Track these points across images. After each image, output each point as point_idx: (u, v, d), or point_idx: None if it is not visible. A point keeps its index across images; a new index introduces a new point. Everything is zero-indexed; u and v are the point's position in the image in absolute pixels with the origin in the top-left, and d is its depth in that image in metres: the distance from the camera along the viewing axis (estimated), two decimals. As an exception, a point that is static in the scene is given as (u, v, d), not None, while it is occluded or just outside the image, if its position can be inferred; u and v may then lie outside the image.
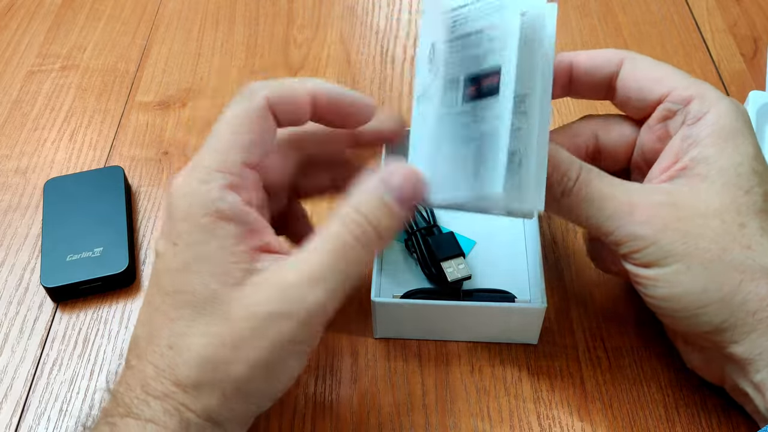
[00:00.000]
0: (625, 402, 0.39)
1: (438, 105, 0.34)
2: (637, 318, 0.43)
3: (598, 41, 0.62)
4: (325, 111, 0.35)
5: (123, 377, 0.32)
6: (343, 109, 0.35)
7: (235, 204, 0.31)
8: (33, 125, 0.57)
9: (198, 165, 0.32)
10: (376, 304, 0.40)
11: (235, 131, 0.32)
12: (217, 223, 0.31)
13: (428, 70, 0.34)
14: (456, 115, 0.33)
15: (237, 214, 0.31)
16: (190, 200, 0.31)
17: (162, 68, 0.61)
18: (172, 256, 0.32)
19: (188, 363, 0.31)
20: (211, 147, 0.32)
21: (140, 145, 0.55)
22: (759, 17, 0.64)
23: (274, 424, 0.39)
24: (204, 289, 0.31)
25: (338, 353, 0.42)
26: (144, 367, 0.31)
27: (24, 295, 0.45)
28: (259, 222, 0.32)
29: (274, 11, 0.67)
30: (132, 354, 0.32)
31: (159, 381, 0.31)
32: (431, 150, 0.34)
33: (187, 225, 0.31)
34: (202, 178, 0.32)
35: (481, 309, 0.40)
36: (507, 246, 0.46)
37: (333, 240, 0.31)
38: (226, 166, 0.32)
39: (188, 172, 0.32)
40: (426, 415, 0.39)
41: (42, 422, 0.40)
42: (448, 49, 0.33)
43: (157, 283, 0.32)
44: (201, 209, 0.31)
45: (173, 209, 0.32)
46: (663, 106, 0.36)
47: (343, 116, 0.35)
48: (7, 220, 0.50)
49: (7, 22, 0.66)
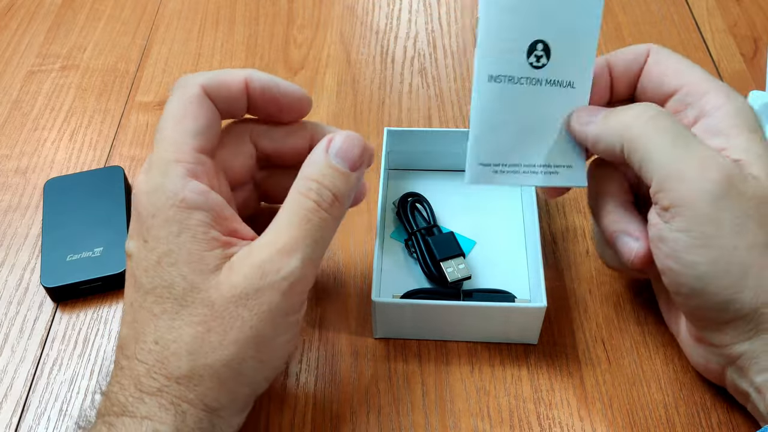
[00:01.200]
0: (625, 402, 0.39)
1: (522, 86, 0.37)
2: (637, 318, 0.43)
3: (598, 41, 0.62)
4: (260, 99, 0.36)
5: (115, 378, 0.32)
6: (276, 98, 0.36)
7: (199, 190, 0.32)
8: (33, 125, 0.57)
9: (155, 160, 0.33)
10: (376, 304, 0.40)
11: (179, 120, 0.33)
12: (184, 212, 0.31)
13: (526, 62, 0.37)
14: (536, 96, 0.37)
15: (203, 201, 0.32)
16: (154, 195, 0.32)
17: (162, 68, 0.61)
18: (144, 254, 0.32)
19: (177, 354, 0.31)
20: (163, 140, 0.33)
21: (140, 145, 0.55)
22: (759, 17, 0.64)
23: (274, 424, 0.39)
24: (182, 280, 0.31)
25: (338, 353, 0.42)
26: (135, 366, 0.31)
27: (24, 295, 0.45)
28: (225, 208, 0.33)
29: (274, 11, 0.67)
30: (121, 355, 0.32)
31: (151, 377, 0.31)
32: (505, 123, 0.37)
33: (156, 220, 0.32)
34: (161, 171, 0.32)
35: (481, 309, 0.40)
36: (507, 246, 0.46)
37: (296, 210, 0.32)
38: (182, 155, 0.32)
39: (146, 169, 0.33)
40: (426, 415, 0.39)
41: (42, 422, 0.40)
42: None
43: (134, 284, 0.32)
44: (166, 202, 0.31)
45: (140, 208, 0.32)
46: (676, 98, 0.37)
47: (277, 106, 0.36)
48: (7, 220, 0.50)
49: (7, 22, 0.66)
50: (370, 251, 0.47)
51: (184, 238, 0.31)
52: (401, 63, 0.61)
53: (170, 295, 0.31)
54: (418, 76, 0.59)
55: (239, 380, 0.32)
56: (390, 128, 0.48)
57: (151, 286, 0.32)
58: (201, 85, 0.34)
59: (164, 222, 0.31)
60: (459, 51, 0.62)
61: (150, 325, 0.31)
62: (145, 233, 0.32)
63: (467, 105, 0.57)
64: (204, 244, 0.31)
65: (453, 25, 0.64)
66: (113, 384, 0.32)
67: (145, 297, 0.32)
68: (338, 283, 0.45)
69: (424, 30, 0.64)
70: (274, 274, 0.31)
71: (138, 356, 0.31)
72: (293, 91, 0.36)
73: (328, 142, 0.33)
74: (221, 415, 0.32)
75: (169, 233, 0.31)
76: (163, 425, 0.30)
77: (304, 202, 0.32)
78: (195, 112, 0.33)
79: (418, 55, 0.61)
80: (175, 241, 0.31)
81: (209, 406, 0.31)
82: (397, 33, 0.64)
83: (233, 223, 0.33)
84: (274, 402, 0.40)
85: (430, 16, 0.65)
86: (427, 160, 0.50)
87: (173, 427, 0.30)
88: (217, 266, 0.31)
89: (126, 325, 0.33)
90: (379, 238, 0.43)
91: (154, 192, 0.32)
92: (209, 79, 0.34)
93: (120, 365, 0.32)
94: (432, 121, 0.56)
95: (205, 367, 0.31)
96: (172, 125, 0.33)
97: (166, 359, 0.31)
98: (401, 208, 0.47)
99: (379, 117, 0.56)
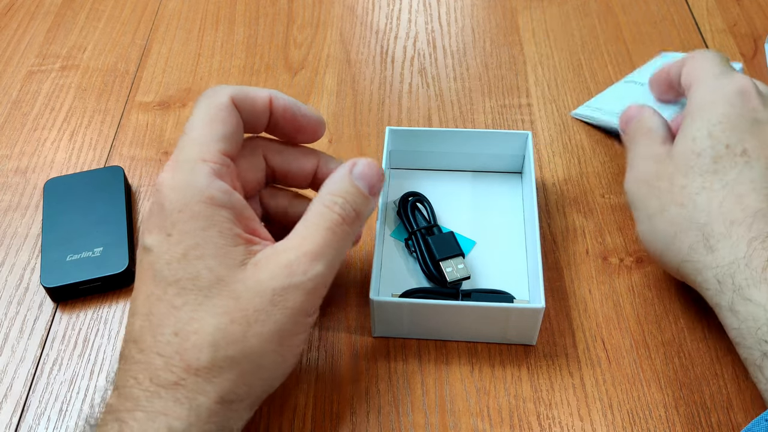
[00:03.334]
0: (625, 402, 0.39)
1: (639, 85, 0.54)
2: (637, 318, 0.43)
3: (598, 41, 0.62)
4: (281, 117, 0.38)
5: (127, 372, 0.32)
6: (296, 118, 0.38)
7: (224, 189, 0.33)
8: (33, 125, 0.57)
9: (182, 158, 0.34)
10: (374, 302, 0.40)
11: (208, 124, 0.35)
12: (211, 208, 0.33)
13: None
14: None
15: (228, 200, 0.33)
16: (183, 191, 0.33)
17: (162, 68, 0.61)
18: (167, 247, 0.33)
19: (198, 346, 0.31)
20: (190, 140, 0.34)
21: (140, 145, 0.55)
22: (759, 17, 0.64)
23: (274, 424, 0.39)
24: (208, 272, 0.32)
25: (338, 353, 0.42)
26: (151, 359, 0.31)
27: (24, 295, 0.46)
28: (246, 209, 0.34)
29: (274, 11, 0.67)
30: (134, 348, 0.32)
31: (168, 370, 0.31)
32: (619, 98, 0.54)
33: (182, 215, 0.32)
34: (189, 168, 0.33)
35: (479, 309, 0.40)
36: (507, 246, 0.46)
37: (322, 221, 0.34)
38: (209, 155, 0.34)
39: (173, 165, 0.34)
40: (426, 415, 0.39)
41: (42, 422, 0.40)
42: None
43: (153, 277, 0.33)
44: (194, 197, 0.33)
45: (165, 202, 0.33)
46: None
47: (296, 126, 0.38)
48: (7, 220, 0.50)
49: (7, 22, 0.66)
50: (370, 250, 0.47)
51: (211, 233, 0.32)
52: (401, 63, 0.61)
53: (194, 287, 0.32)
54: (418, 76, 0.59)
55: (258, 374, 0.33)
56: (392, 127, 0.48)
57: (174, 278, 0.32)
58: (230, 95, 0.35)
59: (191, 217, 0.32)
60: (459, 51, 0.62)
61: (170, 317, 0.32)
62: (169, 227, 0.33)
63: (467, 105, 0.57)
64: (230, 239, 0.33)
65: (453, 25, 0.64)
66: (126, 378, 0.32)
67: (166, 289, 0.32)
68: (338, 282, 0.45)
69: (424, 30, 0.64)
70: (301, 275, 0.32)
71: (155, 349, 0.32)
72: (312, 114, 0.38)
73: (352, 165, 0.36)
74: (235, 408, 0.32)
75: (196, 227, 0.32)
76: (177, 420, 0.30)
77: (330, 214, 0.34)
78: (224, 118, 0.35)
79: (418, 55, 0.61)
80: (202, 235, 0.32)
81: (225, 399, 0.32)
82: (397, 33, 0.64)
83: (253, 224, 0.35)
84: (274, 402, 0.40)
85: (430, 16, 0.65)
86: (428, 160, 0.50)
87: (187, 422, 0.31)
88: (242, 261, 0.33)
89: (140, 318, 0.33)
90: (380, 237, 0.43)
91: (181, 188, 0.33)
92: (238, 92, 0.36)
93: (133, 359, 0.32)
94: (432, 121, 0.56)
95: (225, 359, 0.31)
96: (200, 127, 0.35)
97: (186, 351, 0.31)
98: (402, 207, 0.47)
99: (379, 117, 0.56)
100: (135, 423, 0.30)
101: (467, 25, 0.64)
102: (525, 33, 0.63)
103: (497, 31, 0.63)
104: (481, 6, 0.66)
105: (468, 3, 0.67)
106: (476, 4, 0.66)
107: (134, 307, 0.33)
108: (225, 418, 0.32)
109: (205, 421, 0.31)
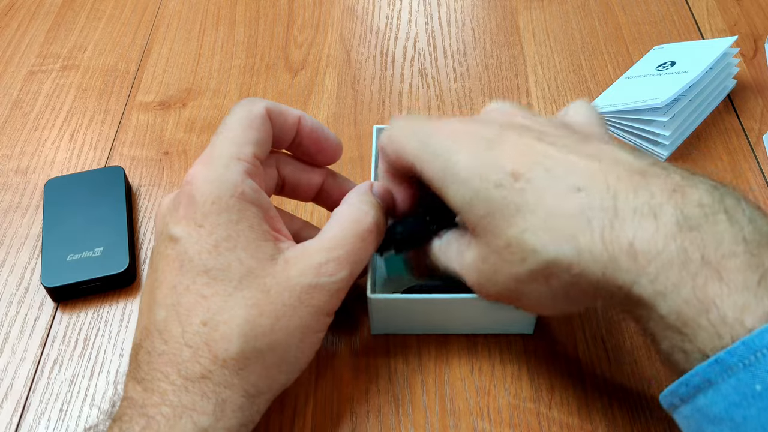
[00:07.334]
0: (625, 402, 0.39)
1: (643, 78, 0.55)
2: (637, 318, 0.43)
3: (598, 41, 0.62)
4: (306, 137, 0.39)
5: (150, 365, 0.32)
6: (320, 139, 0.40)
7: (254, 188, 0.35)
8: (33, 125, 0.57)
9: (217, 154, 0.35)
10: (372, 300, 0.40)
11: (245, 127, 0.36)
12: (242, 203, 0.34)
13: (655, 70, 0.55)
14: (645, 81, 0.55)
15: (257, 198, 0.35)
16: (216, 184, 0.34)
17: (162, 68, 0.61)
18: (197, 238, 0.33)
19: (227, 337, 0.32)
20: (226, 139, 0.36)
21: (141, 145, 0.55)
22: (759, 17, 0.64)
23: (274, 424, 0.39)
24: (239, 264, 0.33)
25: (338, 352, 0.42)
26: (178, 351, 0.32)
27: (24, 294, 0.46)
28: (271, 208, 0.36)
29: (274, 11, 0.67)
30: (158, 339, 0.32)
31: (196, 362, 0.31)
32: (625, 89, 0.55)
33: (215, 207, 0.33)
34: (224, 164, 0.34)
35: (475, 300, 0.40)
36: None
37: (359, 228, 0.36)
38: (244, 155, 0.35)
39: (207, 160, 0.35)
40: (426, 415, 0.39)
41: (42, 422, 0.40)
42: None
43: (180, 267, 0.33)
44: (227, 191, 0.34)
45: (197, 194, 0.34)
46: None
47: (318, 147, 0.40)
48: (7, 220, 0.50)
49: (7, 22, 0.66)
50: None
51: (243, 226, 0.34)
52: (401, 63, 0.61)
53: (225, 277, 0.33)
54: (418, 76, 0.60)
55: (281, 367, 0.34)
56: (380, 126, 0.47)
57: (205, 268, 0.33)
58: (266, 107, 0.37)
59: (224, 209, 0.33)
60: (459, 51, 0.62)
61: (198, 307, 0.32)
62: (200, 218, 0.33)
63: (467, 105, 0.57)
64: (260, 234, 0.34)
65: (453, 25, 0.64)
66: (151, 371, 0.32)
67: (195, 279, 0.33)
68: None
69: (424, 30, 0.64)
70: (328, 277, 0.34)
71: (182, 339, 0.32)
72: (333, 138, 0.40)
73: (371, 186, 0.38)
74: (256, 402, 0.33)
75: (229, 220, 0.33)
76: (203, 416, 0.31)
77: (363, 223, 0.36)
78: (258, 126, 0.36)
79: (418, 55, 0.61)
80: (234, 228, 0.33)
81: (248, 392, 0.32)
82: (397, 33, 0.64)
83: (278, 224, 0.36)
84: (274, 402, 0.40)
85: (430, 16, 0.65)
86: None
87: (213, 417, 0.31)
88: (272, 256, 0.34)
89: (165, 309, 0.33)
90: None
91: (215, 181, 0.34)
92: (273, 106, 0.38)
93: (157, 351, 0.32)
94: (432, 121, 0.56)
95: (254, 350, 0.32)
96: (236, 128, 0.36)
97: (214, 341, 0.32)
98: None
99: (379, 117, 0.56)
100: (162, 419, 0.30)
101: (467, 25, 0.64)
102: (525, 33, 0.63)
103: (497, 32, 0.63)
104: (481, 6, 0.66)
105: (468, 3, 0.67)
106: (476, 5, 0.67)
107: (155, 298, 0.33)
108: (247, 412, 0.32)
109: (229, 417, 0.31)
